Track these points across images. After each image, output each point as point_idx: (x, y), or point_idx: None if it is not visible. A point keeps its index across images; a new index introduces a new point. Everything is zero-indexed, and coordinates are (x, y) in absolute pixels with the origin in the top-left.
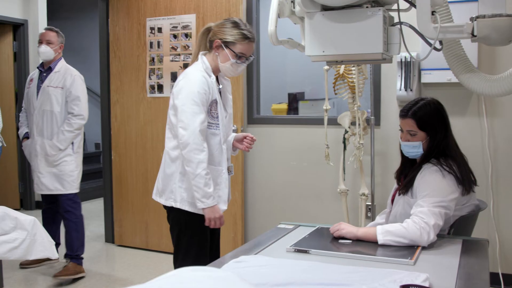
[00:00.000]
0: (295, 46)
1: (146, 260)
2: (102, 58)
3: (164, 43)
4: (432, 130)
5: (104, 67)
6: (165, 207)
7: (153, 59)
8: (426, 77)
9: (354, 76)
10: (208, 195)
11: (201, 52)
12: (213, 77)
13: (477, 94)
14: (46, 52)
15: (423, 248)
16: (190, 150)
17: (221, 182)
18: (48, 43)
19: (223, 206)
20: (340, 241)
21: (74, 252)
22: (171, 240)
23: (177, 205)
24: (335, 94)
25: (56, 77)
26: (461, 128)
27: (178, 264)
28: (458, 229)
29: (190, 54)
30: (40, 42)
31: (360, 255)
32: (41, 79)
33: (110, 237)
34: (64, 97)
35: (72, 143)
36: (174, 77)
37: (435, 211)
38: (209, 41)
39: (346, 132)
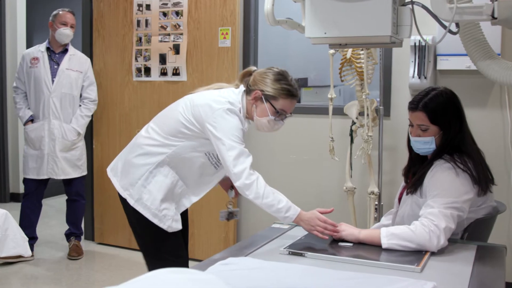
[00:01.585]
0: (294, 27)
1: (128, 260)
2: (84, 37)
3: (153, 21)
4: (445, 124)
5: (87, 47)
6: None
7: (140, 39)
8: (443, 64)
9: (362, 61)
10: (285, 208)
11: (243, 89)
12: (246, 126)
13: (498, 83)
14: (71, 35)
15: (432, 253)
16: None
17: (179, 205)
18: (72, 26)
19: (178, 225)
20: (340, 243)
21: (79, 231)
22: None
23: (132, 202)
24: (342, 81)
25: (74, 60)
26: (481, 121)
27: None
28: (472, 234)
29: (181, 34)
30: (64, 24)
31: (362, 259)
32: (54, 61)
33: (89, 235)
34: (82, 81)
35: None
36: (163, 59)
37: (447, 213)
38: (248, 87)
39: (354, 123)
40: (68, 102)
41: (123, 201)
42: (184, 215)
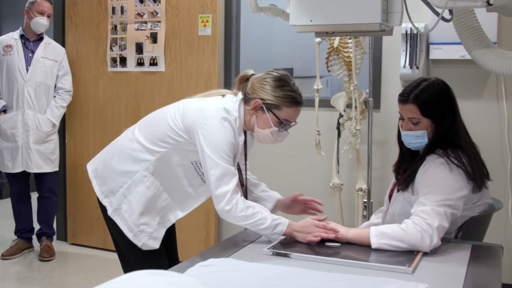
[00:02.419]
0: (278, 14)
1: (103, 261)
2: (56, 25)
3: (129, 8)
4: (438, 116)
5: (59, 35)
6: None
7: (115, 27)
8: (436, 53)
9: (350, 50)
10: (272, 227)
11: (240, 97)
12: (242, 138)
13: (494, 73)
14: (47, 25)
15: (424, 254)
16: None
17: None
18: (49, 16)
19: (154, 244)
20: (327, 243)
21: (51, 231)
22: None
23: (110, 211)
24: (328, 71)
25: (49, 49)
26: (476, 114)
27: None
28: (467, 233)
29: (159, 21)
30: (41, 13)
31: (350, 260)
32: (29, 48)
33: (62, 235)
34: (57, 70)
35: None
36: (139, 48)
37: (440, 210)
38: (246, 95)
39: (341, 116)
40: (43, 92)
41: (103, 208)
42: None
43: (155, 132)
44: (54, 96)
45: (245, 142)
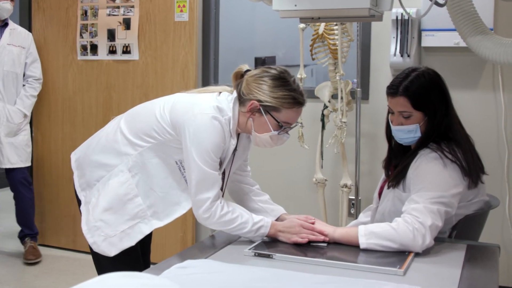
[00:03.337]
0: None
1: (73, 263)
2: (22, 10)
3: None
4: (430, 108)
5: (25, 21)
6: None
7: (85, 12)
8: (428, 40)
9: (336, 37)
10: (253, 231)
11: (235, 96)
12: (234, 142)
13: (491, 62)
14: (11, 10)
15: (416, 254)
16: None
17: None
18: (12, 0)
19: (107, 251)
20: (313, 243)
21: (34, 231)
22: None
23: (82, 205)
24: (313, 59)
25: (15, 35)
26: (471, 105)
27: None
28: (462, 232)
29: (132, 6)
30: None
31: (337, 261)
32: None
33: None
34: (24, 58)
35: None
36: (111, 35)
37: (433, 208)
38: (241, 95)
39: (326, 107)
40: (11, 81)
41: (79, 202)
42: None
43: (141, 125)
44: (24, 85)
45: (236, 147)
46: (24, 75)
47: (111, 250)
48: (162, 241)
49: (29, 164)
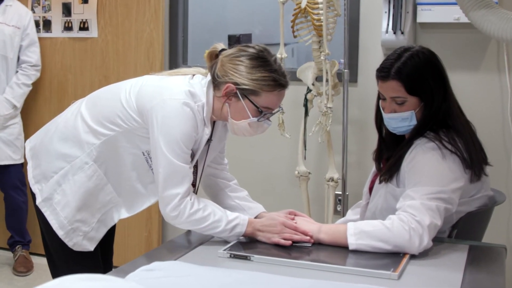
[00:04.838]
0: None
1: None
2: None
3: None
4: (427, 92)
5: None
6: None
7: None
8: (424, 15)
9: (321, 11)
10: (227, 230)
11: (209, 79)
12: (208, 131)
13: (496, 39)
14: None
15: (413, 256)
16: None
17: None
18: None
19: (89, 246)
20: (296, 243)
21: (26, 239)
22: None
23: (38, 200)
24: (294, 37)
25: (10, 12)
26: (473, 88)
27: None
28: (463, 231)
29: None
30: None
31: (323, 264)
32: None
33: None
34: (19, 39)
35: None
36: (67, 9)
37: (431, 205)
38: (215, 78)
39: (309, 91)
40: (0, 67)
41: (33, 195)
42: None
43: (103, 110)
44: (17, 71)
45: (211, 137)
46: (18, 60)
47: (89, 245)
48: (124, 242)
49: (22, 160)
